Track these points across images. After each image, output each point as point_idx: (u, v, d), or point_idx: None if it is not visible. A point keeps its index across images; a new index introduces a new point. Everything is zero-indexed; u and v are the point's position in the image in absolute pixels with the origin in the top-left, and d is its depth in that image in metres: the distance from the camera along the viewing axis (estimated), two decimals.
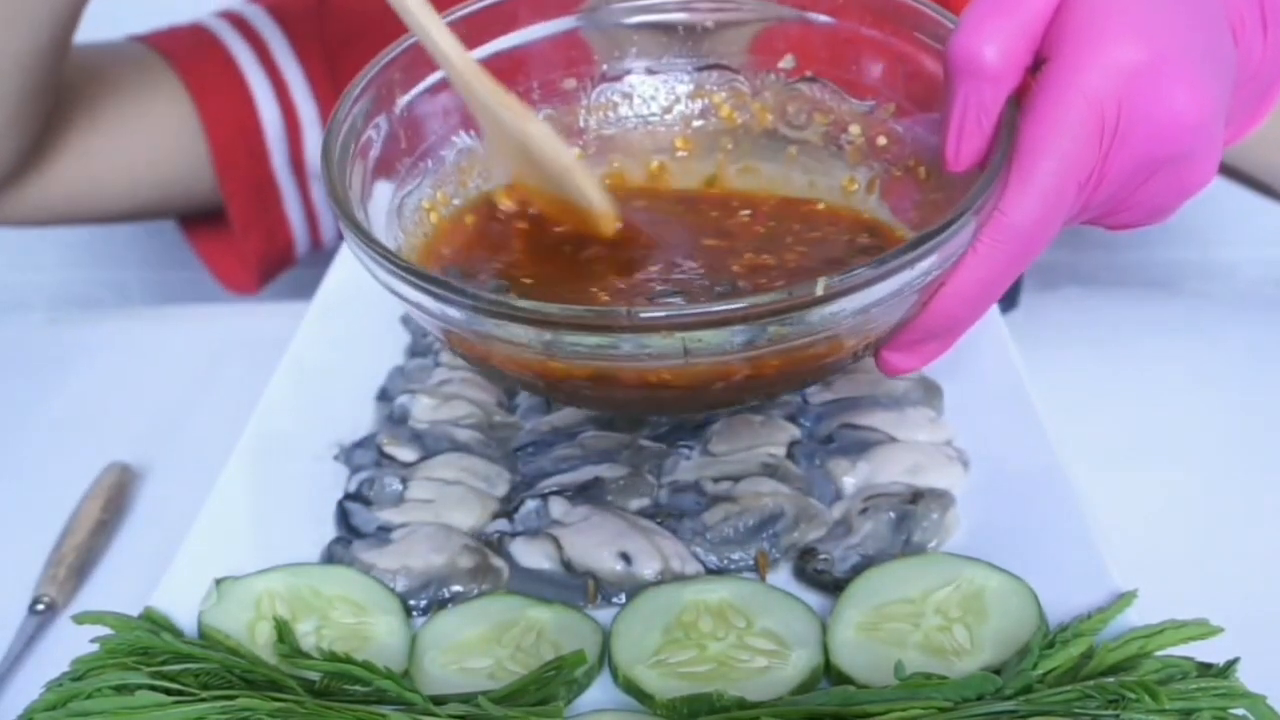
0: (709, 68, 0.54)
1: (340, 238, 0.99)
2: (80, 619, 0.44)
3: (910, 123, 0.49)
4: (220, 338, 0.76)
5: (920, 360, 0.44)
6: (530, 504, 0.53)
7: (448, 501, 0.53)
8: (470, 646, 0.46)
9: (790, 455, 0.56)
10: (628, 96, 0.54)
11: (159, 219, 0.96)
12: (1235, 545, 0.54)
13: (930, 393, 0.58)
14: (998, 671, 0.42)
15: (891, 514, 0.50)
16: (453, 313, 0.39)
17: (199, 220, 0.95)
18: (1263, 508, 0.56)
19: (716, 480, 0.53)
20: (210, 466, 0.53)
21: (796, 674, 0.43)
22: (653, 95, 0.54)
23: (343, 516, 0.53)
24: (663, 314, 0.37)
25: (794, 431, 0.57)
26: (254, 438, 0.55)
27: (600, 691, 0.44)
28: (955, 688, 0.40)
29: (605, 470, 0.54)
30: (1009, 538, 0.49)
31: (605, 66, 0.54)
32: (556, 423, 0.59)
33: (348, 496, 0.54)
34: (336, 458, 0.57)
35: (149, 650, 0.43)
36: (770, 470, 0.53)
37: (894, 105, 0.50)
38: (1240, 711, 0.39)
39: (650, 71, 0.54)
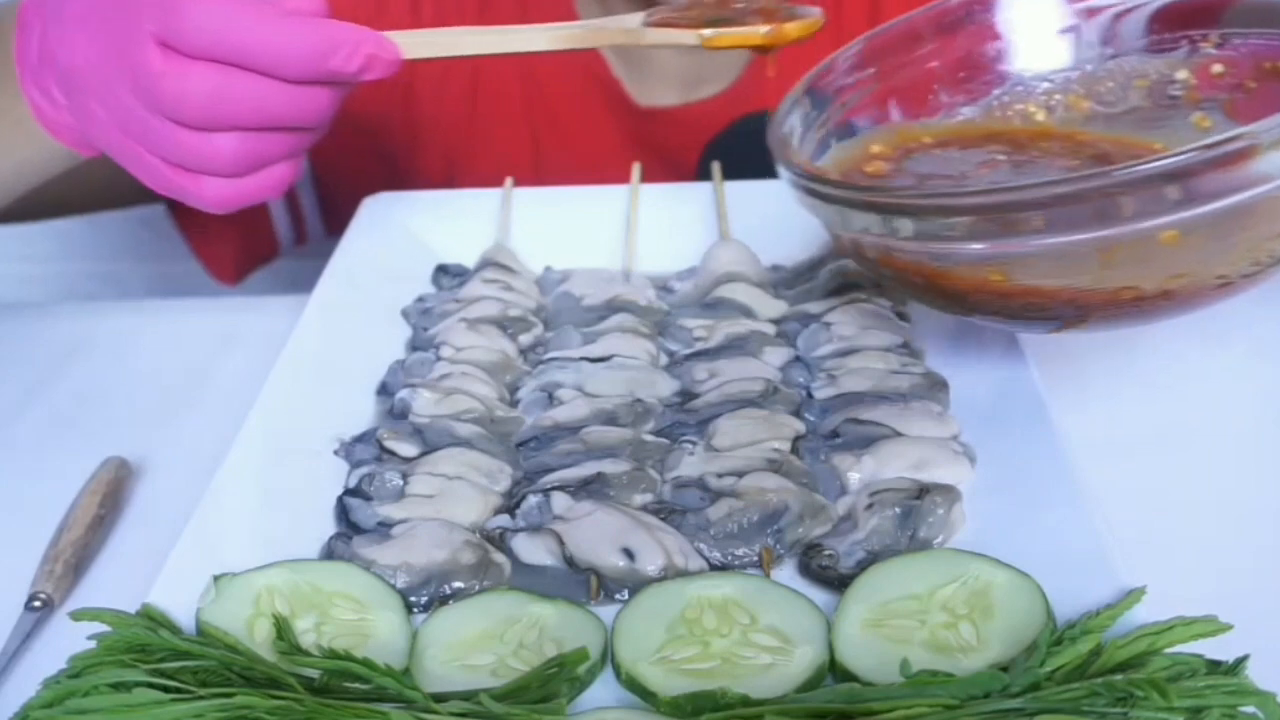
0: (1002, 95, 0.59)
1: (328, 233, 0.99)
2: (77, 616, 0.44)
3: (1242, 37, 0.53)
4: (219, 331, 0.75)
5: None
6: (532, 499, 0.52)
7: (449, 497, 0.53)
8: (471, 643, 0.45)
9: (795, 450, 0.55)
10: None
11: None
12: (1245, 541, 0.53)
13: (936, 387, 0.58)
14: (1005, 669, 0.41)
15: (897, 509, 0.50)
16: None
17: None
18: (1273, 504, 0.56)
19: (720, 475, 0.53)
20: (209, 461, 0.53)
21: (801, 671, 0.43)
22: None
23: (343, 512, 0.53)
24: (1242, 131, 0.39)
25: (798, 426, 0.57)
26: (253, 432, 0.55)
27: (603, 689, 0.44)
28: (962, 685, 0.40)
29: (608, 465, 0.53)
30: (1016, 533, 0.48)
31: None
32: (559, 417, 0.58)
33: (348, 492, 0.54)
34: (336, 453, 0.57)
35: (147, 647, 0.43)
36: (775, 465, 0.53)
37: (1214, 35, 0.53)
38: (1250, 709, 0.39)
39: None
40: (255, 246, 0.95)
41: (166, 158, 0.51)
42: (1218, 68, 0.55)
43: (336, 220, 0.98)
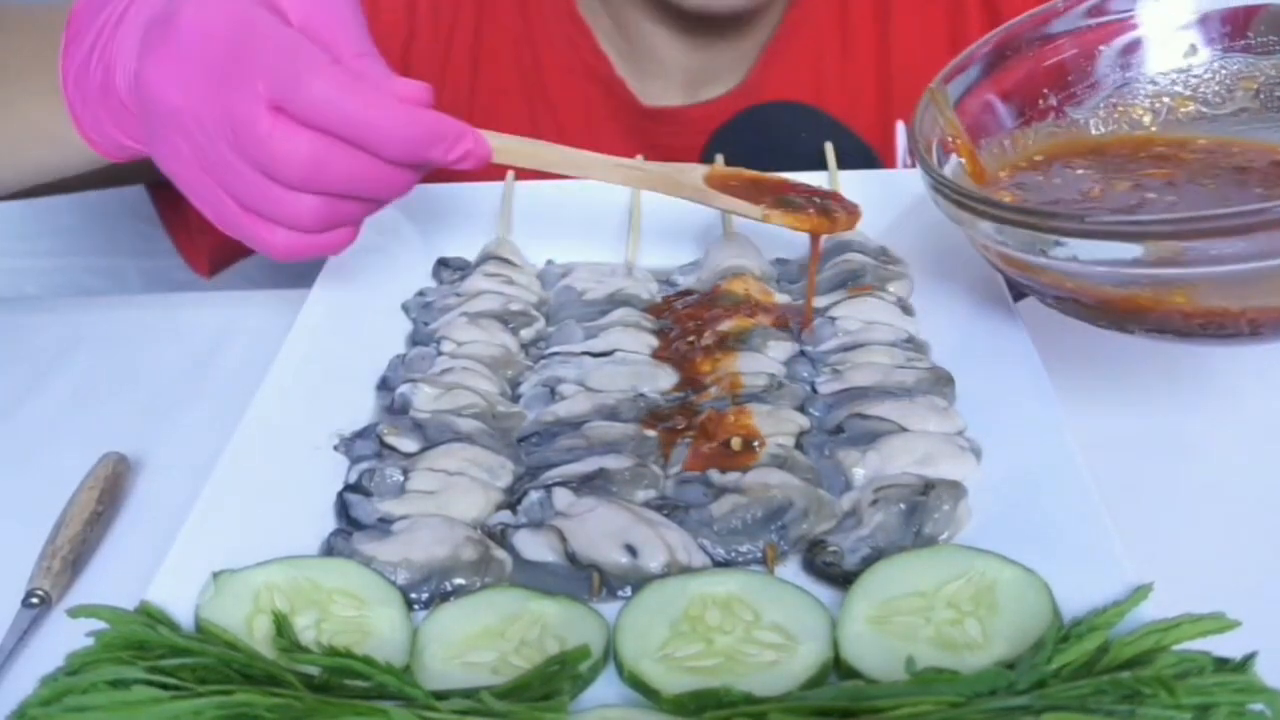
0: (1109, 98, 0.60)
1: None
2: (75, 613, 0.43)
3: None
4: (218, 326, 0.75)
5: None
6: (534, 495, 0.52)
7: (450, 493, 0.52)
8: (472, 640, 0.45)
9: (799, 446, 0.55)
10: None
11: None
12: (1252, 538, 0.53)
13: (942, 382, 0.57)
14: (1011, 666, 0.41)
15: (902, 505, 0.49)
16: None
17: (170, 192, 0.93)
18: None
19: (724, 471, 0.52)
20: (208, 457, 0.52)
21: (805, 668, 0.43)
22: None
23: (343, 508, 0.52)
24: None
25: (803, 421, 0.56)
26: (252, 428, 0.54)
27: (605, 686, 0.43)
28: (967, 683, 0.40)
29: (610, 461, 0.53)
30: (1022, 530, 0.48)
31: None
32: (561, 413, 0.58)
33: (348, 488, 0.53)
34: (336, 448, 0.57)
35: (145, 644, 0.42)
36: (779, 461, 0.53)
37: None
38: (1258, 707, 0.39)
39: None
40: (231, 246, 0.94)
41: (247, 205, 0.53)
42: None
43: None
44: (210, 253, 0.94)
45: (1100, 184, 0.57)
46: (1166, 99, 0.59)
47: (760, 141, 0.87)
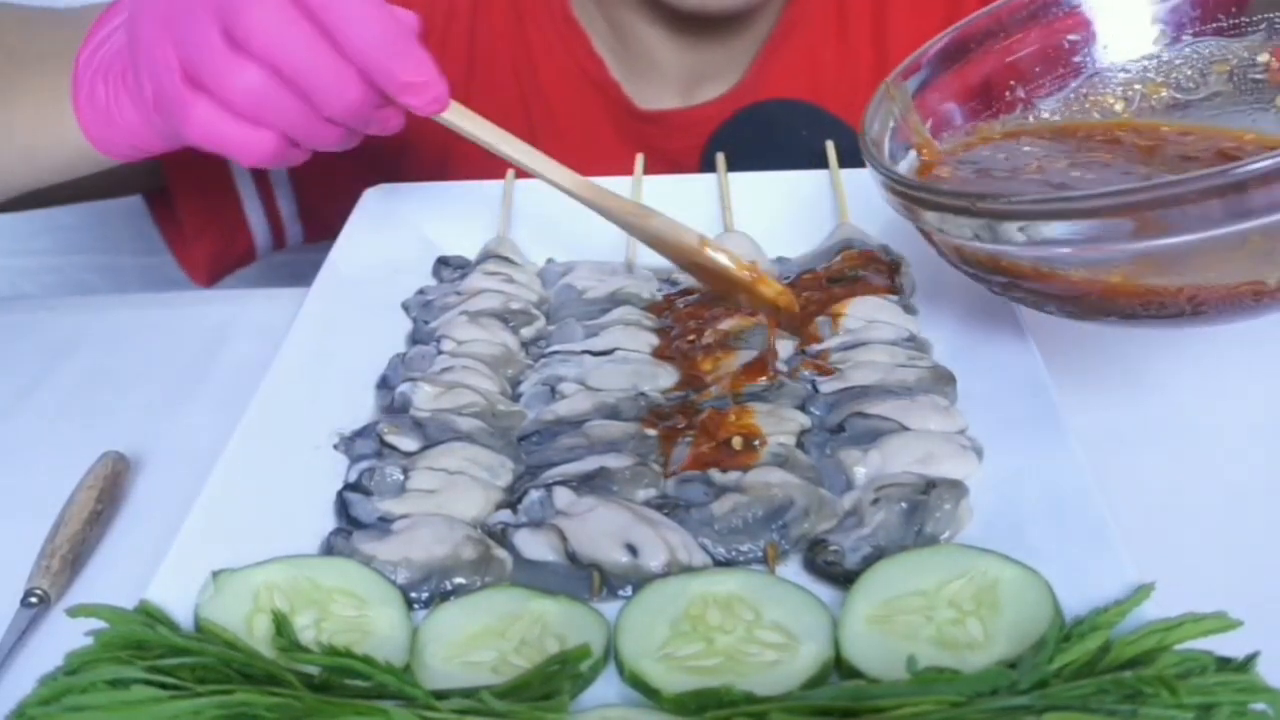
0: (1079, 87, 0.59)
1: (307, 239, 0.98)
2: (74, 612, 0.43)
3: None
4: (218, 325, 0.75)
5: None
6: (534, 494, 0.52)
7: (450, 492, 0.52)
8: (473, 640, 0.45)
9: (800, 444, 0.55)
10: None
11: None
12: (1254, 537, 0.53)
13: (943, 381, 0.57)
14: (1012, 665, 0.41)
15: (903, 504, 0.49)
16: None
17: (167, 201, 0.93)
18: None
19: (725, 470, 0.52)
20: (207, 456, 0.52)
21: (806, 667, 0.42)
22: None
23: (343, 507, 0.52)
24: None
25: (804, 420, 0.56)
26: (252, 427, 0.54)
27: (606, 686, 0.43)
28: (969, 682, 0.40)
29: (611, 460, 0.53)
30: (1024, 529, 0.48)
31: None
32: (561, 411, 0.58)
33: (348, 487, 0.53)
34: (336, 447, 0.56)
35: (144, 644, 0.42)
36: (780, 460, 0.52)
37: None
38: (1260, 706, 0.38)
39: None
40: (230, 249, 0.94)
41: (187, 65, 0.52)
42: None
43: (316, 226, 0.97)
44: (208, 262, 0.94)
45: (1040, 160, 0.55)
46: (1139, 86, 0.58)
47: (760, 140, 0.87)
